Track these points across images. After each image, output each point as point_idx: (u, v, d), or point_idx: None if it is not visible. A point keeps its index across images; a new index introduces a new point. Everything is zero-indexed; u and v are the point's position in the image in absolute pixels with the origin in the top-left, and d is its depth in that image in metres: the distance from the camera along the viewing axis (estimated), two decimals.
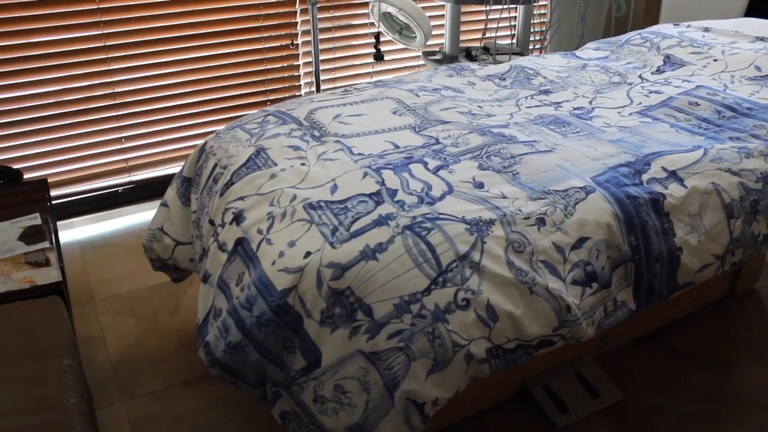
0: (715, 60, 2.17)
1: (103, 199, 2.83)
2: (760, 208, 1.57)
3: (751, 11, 3.69)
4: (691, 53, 2.23)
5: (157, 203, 2.84)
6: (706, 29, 2.44)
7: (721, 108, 1.85)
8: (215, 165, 1.68)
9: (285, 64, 3.12)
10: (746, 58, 2.13)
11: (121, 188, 2.86)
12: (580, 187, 1.40)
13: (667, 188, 1.47)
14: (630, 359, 1.93)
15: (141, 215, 2.75)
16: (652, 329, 2.04)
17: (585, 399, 1.66)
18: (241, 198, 1.48)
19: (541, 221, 1.32)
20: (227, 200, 1.51)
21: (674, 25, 2.54)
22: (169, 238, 1.83)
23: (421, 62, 3.45)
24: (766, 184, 1.58)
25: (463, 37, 3.54)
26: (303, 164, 1.52)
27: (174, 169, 2.97)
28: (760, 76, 2.04)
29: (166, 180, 2.91)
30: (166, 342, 1.98)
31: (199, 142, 2.98)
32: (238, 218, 1.43)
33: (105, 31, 2.62)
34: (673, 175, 1.51)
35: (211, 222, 1.54)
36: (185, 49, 2.84)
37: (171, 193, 1.86)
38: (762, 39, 2.28)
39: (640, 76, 2.12)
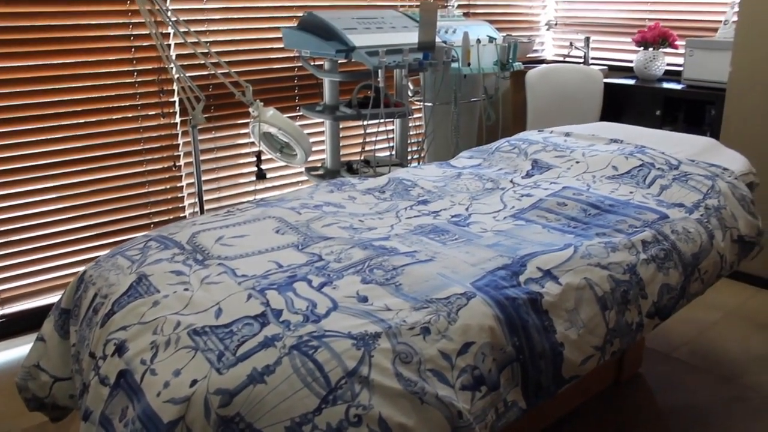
0: (577, 162, 2.33)
1: None
2: (630, 298, 1.66)
3: (605, 116, 4.01)
4: (556, 157, 2.39)
5: (32, 338, 2.70)
6: (567, 134, 2.63)
7: (586, 206, 1.98)
8: (95, 294, 1.63)
9: (168, 186, 3.11)
10: (604, 159, 2.30)
11: None
12: (461, 294, 1.45)
13: (543, 287, 1.54)
14: None
15: (14, 351, 2.59)
16: (547, 424, 2.08)
17: None
18: (123, 328, 1.43)
19: (426, 330, 1.34)
20: (108, 331, 1.46)
21: (539, 131, 2.73)
22: (47, 374, 1.74)
23: (305, 178, 3.51)
24: (633, 275, 1.68)
25: (344, 151, 3.65)
26: (186, 289, 1.50)
27: (51, 300, 2.84)
28: (618, 175, 2.20)
29: (43, 312, 2.78)
30: None
31: (79, 269, 2.88)
32: (120, 349, 1.38)
33: None
34: (548, 274, 1.58)
35: (92, 355, 1.48)
36: (62, 175, 2.79)
37: (48, 326, 1.78)
38: (616, 141, 2.47)
39: (511, 181, 2.24)
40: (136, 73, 2.91)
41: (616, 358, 2.33)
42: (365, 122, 3.08)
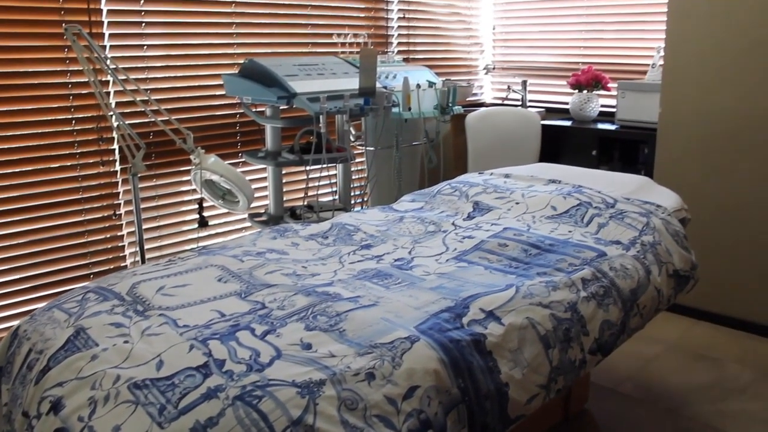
0: (517, 203, 2.37)
1: None
2: (572, 336, 1.68)
3: (543, 157, 4.11)
4: (496, 198, 2.43)
5: None
6: (507, 175, 2.68)
7: (527, 246, 2.01)
8: (30, 350, 1.57)
9: (108, 235, 3.05)
10: (543, 199, 2.35)
11: None
12: (405, 337, 1.45)
13: (486, 328, 1.55)
14: None
15: None
16: None
17: None
18: (60, 384, 1.39)
19: (370, 376, 1.34)
20: (44, 388, 1.41)
21: (479, 173, 2.77)
22: None
23: (248, 224, 3.49)
24: (574, 312, 1.71)
25: (287, 197, 3.64)
26: (126, 342, 1.47)
27: None
28: (557, 215, 2.25)
29: None
30: None
31: (13, 324, 2.78)
32: (56, 407, 1.34)
33: None
34: (491, 315, 1.60)
35: (25, 414, 1.43)
36: None
37: None
38: (554, 181, 2.54)
39: (453, 224, 2.27)
40: (74, 121, 2.87)
41: (562, 395, 2.35)
42: (308, 168, 3.09)
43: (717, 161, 3.12)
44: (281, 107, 3.09)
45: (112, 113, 2.83)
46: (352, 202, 3.43)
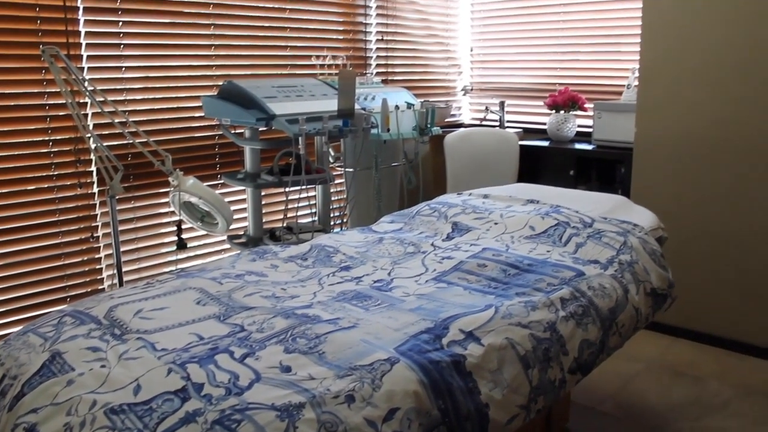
0: (495, 223, 2.38)
1: None
2: (552, 355, 1.69)
3: (521, 177, 4.14)
4: (475, 219, 2.44)
5: None
6: (486, 196, 2.70)
7: (506, 267, 2.02)
8: (4, 376, 1.55)
9: (85, 258, 3.02)
10: (521, 219, 2.36)
11: None
12: (385, 359, 1.45)
13: (466, 349, 1.55)
14: None
15: None
16: None
17: None
18: (34, 410, 1.37)
19: (350, 398, 1.33)
20: (17, 414, 1.39)
21: (458, 194, 2.79)
22: None
23: (227, 246, 3.48)
24: (553, 332, 1.72)
25: (266, 218, 3.63)
26: (103, 366, 1.45)
27: None
28: (535, 235, 2.27)
29: None
30: None
31: None
32: None
33: None
34: (471, 336, 1.60)
35: None
36: None
37: None
38: (532, 201, 2.56)
39: (432, 244, 2.27)
40: (51, 143, 2.86)
41: (542, 415, 2.35)
42: (287, 189, 3.09)
43: (692, 179, 3.17)
44: (260, 129, 3.10)
45: (89, 135, 2.82)
46: (332, 223, 3.43)
